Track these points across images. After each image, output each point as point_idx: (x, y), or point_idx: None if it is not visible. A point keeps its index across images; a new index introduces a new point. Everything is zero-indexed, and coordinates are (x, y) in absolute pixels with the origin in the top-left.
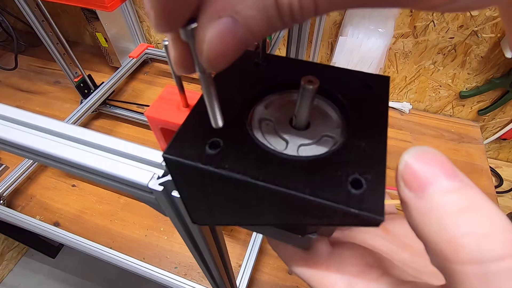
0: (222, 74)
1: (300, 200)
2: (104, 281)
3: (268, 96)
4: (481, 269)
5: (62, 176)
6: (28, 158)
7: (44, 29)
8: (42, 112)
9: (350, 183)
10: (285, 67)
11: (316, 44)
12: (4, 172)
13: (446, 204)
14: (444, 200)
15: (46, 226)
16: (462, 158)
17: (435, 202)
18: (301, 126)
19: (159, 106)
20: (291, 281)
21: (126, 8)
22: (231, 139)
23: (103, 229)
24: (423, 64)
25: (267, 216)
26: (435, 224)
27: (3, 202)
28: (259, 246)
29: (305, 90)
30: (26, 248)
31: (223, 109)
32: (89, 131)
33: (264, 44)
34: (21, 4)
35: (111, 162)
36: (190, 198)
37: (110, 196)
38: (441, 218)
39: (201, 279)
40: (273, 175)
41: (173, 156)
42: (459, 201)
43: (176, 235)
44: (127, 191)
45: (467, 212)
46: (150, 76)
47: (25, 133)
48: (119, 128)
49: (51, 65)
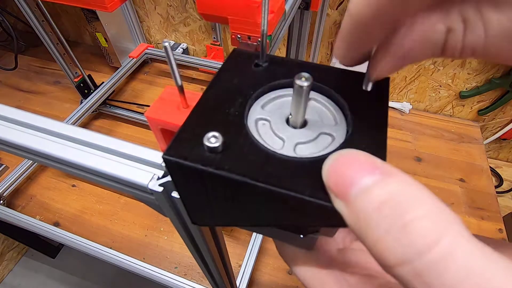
0: (222, 74)
1: (300, 201)
2: (104, 281)
3: (265, 96)
4: (412, 268)
5: (62, 176)
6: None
7: (44, 29)
8: (42, 112)
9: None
10: (285, 67)
11: (316, 44)
12: (4, 172)
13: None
14: (365, 199)
15: (46, 226)
16: (462, 158)
17: (359, 204)
18: (297, 124)
19: (159, 106)
20: (291, 281)
21: (126, 8)
22: (231, 140)
23: (103, 229)
24: (423, 64)
25: (267, 217)
26: (364, 228)
27: (3, 202)
28: (259, 246)
29: (298, 87)
30: (26, 248)
31: (223, 109)
32: (89, 131)
33: (264, 45)
34: (21, 4)
35: (111, 162)
36: (190, 199)
37: (110, 196)
38: (367, 219)
39: (201, 279)
40: (272, 176)
41: (173, 157)
42: (379, 196)
43: (176, 235)
44: (127, 192)
45: (386, 206)
46: (150, 76)
47: (25, 133)
48: (119, 128)
49: (51, 65)
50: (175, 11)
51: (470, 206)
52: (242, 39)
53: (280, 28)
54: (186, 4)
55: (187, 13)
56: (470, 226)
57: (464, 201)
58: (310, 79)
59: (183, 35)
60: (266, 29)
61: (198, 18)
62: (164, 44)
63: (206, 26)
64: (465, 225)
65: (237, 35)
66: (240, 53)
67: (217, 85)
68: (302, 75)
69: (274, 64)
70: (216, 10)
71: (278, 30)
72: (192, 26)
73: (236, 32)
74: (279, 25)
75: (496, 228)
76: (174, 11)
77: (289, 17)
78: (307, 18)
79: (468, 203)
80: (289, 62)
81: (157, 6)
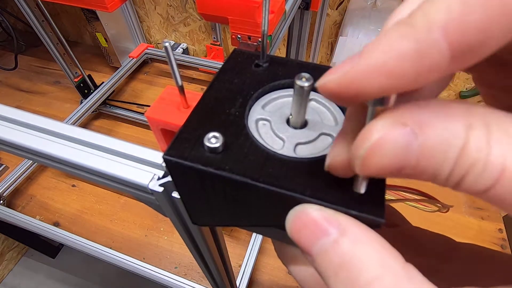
0: (223, 74)
1: (300, 202)
2: (104, 281)
3: (265, 96)
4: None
5: (62, 176)
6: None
7: (44, 29)
8: (42, 112)
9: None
10: (285, 68)
11: (316, 44)
12: (4, 172)
13: (327, 265)
14: (324, 260)
15: (46, 226)
16: None
17: (320, 264)
18: (298, 124)
19: (159, 107)
20: (291, 281)
21: (126, 8)
22: (231, 140)
23: (103, 229)
24: None
25: (267, 217)
26: (328, 284)
27: (3, 202)
28: (259, 246)
29: (299, 88)
30: (26, 248)
31: (223, 109)
32: (89, 131)
33: (264, 45)
34: (21, 4)
35: (111, 162)
36: (190, 199)
37: (110, 196)
38: (329, 280)
39: (201, 279)
40: (273, 176)
41: (173, 158)
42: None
43: (176, 235)
44: (127, 192)
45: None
46: (150, 76)
47: (25, 133)
48: (119, 128)
49: (51, 65)
50: (175, 11)
51: (470, 206)
52: (242, 39)
53: (280, 28)
54: (186, 4)
55: (187, 13)
56: (470, 226)
57: (464, 201)
58: (311, 80)
59: (183, 35)
60: (267, 29)
61: (198, 18)
62: (164, 44)
63: (206, 26)
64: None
65: (237, 35)
66: (241, 53)
67: (218, 86)
68: (303, 76)
69: (275, 64)
70: (216, 10)
71: (278, 30)
72: (192, 26)
73: (236, 32)
74: (279, 25)
75: (496, 228)
76: (174, 11)
77: (289, 17)
78: (307, 18)
79: (468, 203)
80: (289, 62)
81: (157, 6)
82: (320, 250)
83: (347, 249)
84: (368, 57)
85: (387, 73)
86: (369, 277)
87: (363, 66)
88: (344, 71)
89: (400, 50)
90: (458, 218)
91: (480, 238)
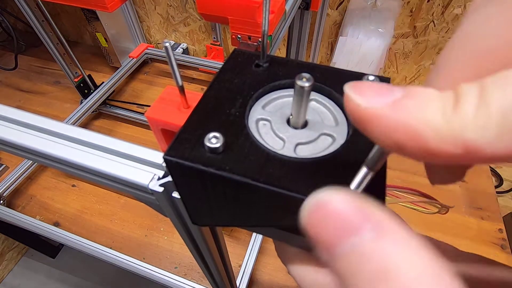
0: (223, 74)
1: (301, 202)
2: (104, 281)
3: (266, 96)
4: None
5: (62, 176)
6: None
7: (44, 29)
8: (42, 112)
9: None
10: (286, 68)
11: (316, 44)
12: (4, 172)
13: (354, 274)
14: (353, 263)
15: (46, 226)
16: None
17: (347, 268)
18: (298, 125)
19: (159, 107)
20: (291, 281)
21: (126, 8)
22: (231, 140)
23: (103, 229)
24: (423, 64)
25: (267, 217)
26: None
27: (3, 202)
28: (259, 246)
29: (299, 88)
30: (26, 248)
31: (224, 109)
32: (89, 131)
33: (264, 45)
34: (21, 4)
35: (111, 162)
36: (191, 199)
37: (110, 196)
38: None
39: (201, 279)
40: (274, 176)
41: (174, 158)
42: (371, 264)
43: (176, 235)
44: (127, 192)
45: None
46: (150, 76)
47: (25, 133)
48: (119, 128)
49: (51, 65)
50: (175, 11)
51: (470, 206)
52: (242, 39)
53: (280, 28)
54: (186, 4)
55: (187, 13)
56: (470, 226)
57: (464, 201)
58: (311, 80)
59: (183, 35)
60: (267, 29)
61: (198, 18)
62: (164, 44)
63: (206, 26)
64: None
65: (237, 35)
66: (241, 53)
67: (218, 86)
68: (303, 76)
69: (275, 64)
70: (216, 10)
71: (278, 30)
72: (192, 26)
73: (236, 32)
74: (279, 25)
75: (496, 228)
76: (174, 11)
77: (289, 17)
78: (307, 18)
79: (468, 203)
80: (289, 62)
81: (157, 6)
82: (348, 252)
83: (389, 254)
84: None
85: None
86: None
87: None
88: (376, 105)
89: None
90: (458, 218)
91: (480, 238)
